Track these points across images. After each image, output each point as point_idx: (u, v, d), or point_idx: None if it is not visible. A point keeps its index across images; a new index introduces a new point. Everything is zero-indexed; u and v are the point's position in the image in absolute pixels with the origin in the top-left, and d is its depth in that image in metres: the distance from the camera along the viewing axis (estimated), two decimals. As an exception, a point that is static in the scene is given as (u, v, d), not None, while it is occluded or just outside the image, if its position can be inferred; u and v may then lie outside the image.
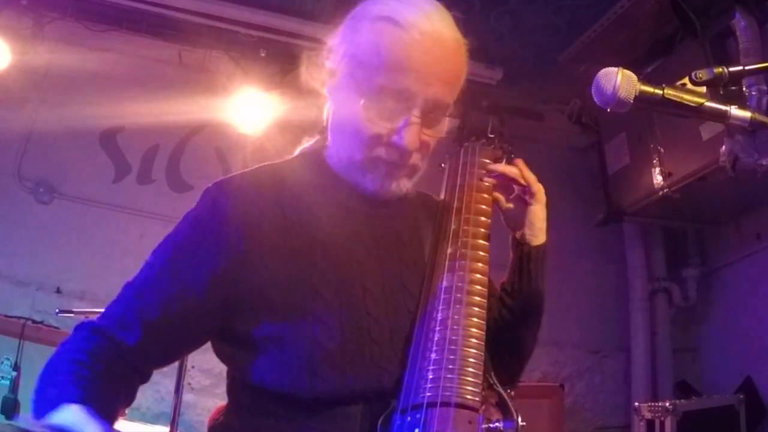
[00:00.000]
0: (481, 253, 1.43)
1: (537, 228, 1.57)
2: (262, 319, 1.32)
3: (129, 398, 1.34)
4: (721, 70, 1.22)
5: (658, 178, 4.35)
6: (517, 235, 1.58)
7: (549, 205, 1.58)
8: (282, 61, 4.46)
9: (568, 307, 4.83)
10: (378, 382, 1.30)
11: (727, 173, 3.73)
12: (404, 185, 1.44)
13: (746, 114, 1.20)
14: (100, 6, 4.27)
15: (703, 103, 1.20)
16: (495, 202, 1.58)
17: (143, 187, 4.67)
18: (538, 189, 1.56)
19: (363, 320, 1.34)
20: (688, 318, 5.30)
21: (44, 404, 1.17)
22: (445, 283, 1.38)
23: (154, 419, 3.94)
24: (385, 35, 1.33)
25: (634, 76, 1.20)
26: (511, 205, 1.60)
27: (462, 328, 1.31)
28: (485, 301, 1.37)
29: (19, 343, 3.77)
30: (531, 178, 1.56)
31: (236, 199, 1.38)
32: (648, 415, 4.05)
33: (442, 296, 1.36)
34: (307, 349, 1.29)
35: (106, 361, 1.27)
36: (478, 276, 1.39)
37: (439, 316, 1.33)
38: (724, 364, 4.89)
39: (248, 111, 4.43)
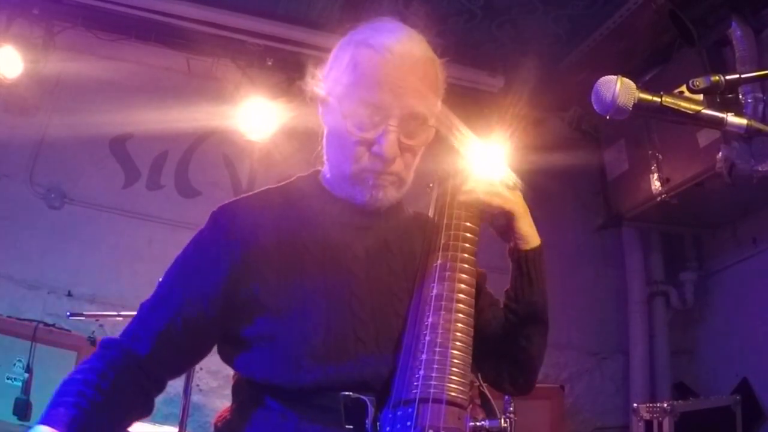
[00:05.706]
0: (468, 265, 1.52)
1: (527, 235, 1.64)
2: (256, 320, 1.44)
3: (145, 408, 1.43)
4: (717, 78, 1.25)
5: (656, 184, 4.42)
6: (511, 245, 1.67)
7: (549, 210, 1.62)
8: (288, 70, 4.53)
9: (568, 309, 4.86)
10: (360, 375, 1.40)
11: (723, 179, 3.79)
12: (391, 194, 1.53)
13: (742, 121, 1.22)
14: (110, 16, 4.34)
15: (700, 111, 1.23)
16: (482, 221, 1.65)
17: (152, 192, 4.73)
18: (513, 207, 1.62)
19: (348, 320, 1.45)
20: (686, 321, 5.34)
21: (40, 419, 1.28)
22: (434, 292, 1.47)
23: (163, 420, 3.97)
24: (362, 56, 1.48)
25: (632, 84, 1.23)
26: (498, 222, 1.67)
27: (450, 332, 1.40)
28: (472, 309, 1.46)
29: (31, 346, 3.83)
30: (507, 203, 1.61)
31: (236, 218, 1.51)
32: (646, 416, 4.10)
33: (432, 303, 1.45)
34: (294, 344, 1.40)
35: (116, 375, 1.36)
36: (465, 286, 1.48)
37: (429, 321, 1.42)
38: (721, 365, 4.94)
39: (255, 118, 4.49)
